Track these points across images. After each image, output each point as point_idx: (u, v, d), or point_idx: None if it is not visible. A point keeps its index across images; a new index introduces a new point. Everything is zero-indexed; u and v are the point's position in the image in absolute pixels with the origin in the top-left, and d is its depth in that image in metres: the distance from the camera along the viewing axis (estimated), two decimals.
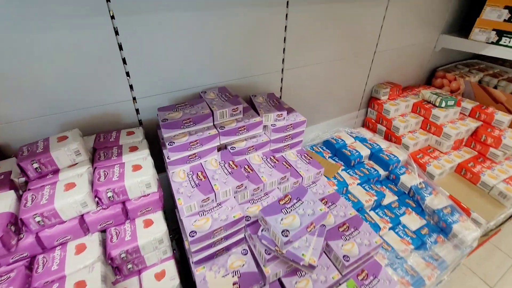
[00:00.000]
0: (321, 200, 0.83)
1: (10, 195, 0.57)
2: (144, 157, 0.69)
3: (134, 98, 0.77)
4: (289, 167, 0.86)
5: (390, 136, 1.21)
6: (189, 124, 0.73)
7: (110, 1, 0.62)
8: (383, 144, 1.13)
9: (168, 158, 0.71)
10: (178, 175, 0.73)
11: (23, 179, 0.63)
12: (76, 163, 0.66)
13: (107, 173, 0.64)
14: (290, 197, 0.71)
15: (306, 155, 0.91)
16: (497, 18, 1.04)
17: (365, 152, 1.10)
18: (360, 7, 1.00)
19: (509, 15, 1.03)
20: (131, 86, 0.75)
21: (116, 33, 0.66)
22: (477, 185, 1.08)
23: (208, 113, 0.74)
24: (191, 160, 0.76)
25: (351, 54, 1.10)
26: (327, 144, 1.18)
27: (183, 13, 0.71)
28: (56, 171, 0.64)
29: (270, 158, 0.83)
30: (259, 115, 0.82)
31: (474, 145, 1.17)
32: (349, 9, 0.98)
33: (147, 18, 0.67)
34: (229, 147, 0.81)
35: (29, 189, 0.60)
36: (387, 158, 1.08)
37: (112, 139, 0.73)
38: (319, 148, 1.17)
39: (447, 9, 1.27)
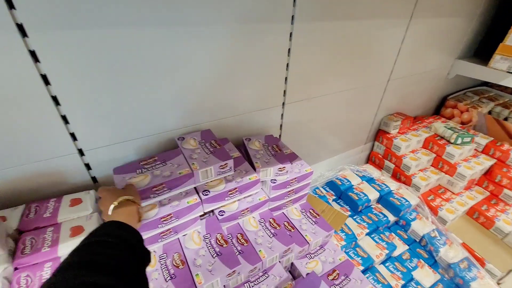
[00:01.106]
0: (332, 272, 0.67)
1: None
2: None
3: (80, 151, 0.55)
4: (292, 230, 0.69)
5: (399, 174, 1.08)
6: (161, 191, 0.53)
7: (15, 8, 0.39)
8: (392, 185, 1.00)
9: None
10: None
11: None
12: None
13: (31, 281, 0.43)
14: None
15: (312, 211, 0.74)
16: None
17: (373, 195, 0.96)
18: (377, 27, 0.83)
19: None
20: (72, 135, 0.52)
21: (36, 59, 0.43)
22: (490, 230, 0.99)
23: (187, 173, 0.54)
24: (164, 237, 0.56)
25: (363, 83, 0.95)
26: (331, 185, 1.02)
27: (147, 28, 0.49)
28: None
29: (270, 222, 0.66)
30: (255, 169, 0.63)
31: (486, 184, 1.07)
32: (364, 30, 0.81)
33: (84, 36, 0.45)
34: (216, 212, 0.62)
35: None
36: (398, 203, 0.94)
37: (47, 214, 0.51)
38: (323, 190, 1.01)
39: (466, 31, 1.13)
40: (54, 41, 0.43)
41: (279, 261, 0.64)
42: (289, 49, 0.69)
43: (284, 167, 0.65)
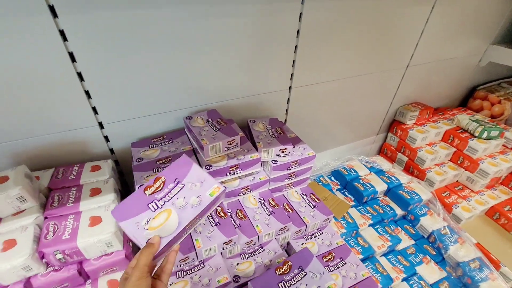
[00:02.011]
0: (328, 254, 0.70)
1: None
2: (106, 205, 0.55)
3: (100, 124, 0.63)
4: (291, 211, 0.72)
5: (412, 168, 1.05)
6: (167, 164, 0.59)
7: None
8: (403, 179, 0.98)
9: None
10: None
11: None
12: (23, 210, 0.53)
13: (57, 228, 0.51)
14: (291, 264, 0.57)
15: (312, 196, 0.77)
16: None
17: (381, 187, 0.96)
18: (397, 6, 0.80)
19: None
20: (94, 109, 0.60)
21: (64, 38, 0.50)
22: (511, 233, 0.94)
23: (189, 150, 0.60)
24: None
25: (377, 68, 0.92)
26: (336, 174, 1.03)
27: (158, 10, 0.54)
28: None
29: (269, 201, 0.70)
30: (257, 149, 0.67)
31: None
32: (381, 9, 0.78)
33: (108, 16, 0.51)
34: None
35: None
36: (408, 197, 0.93)
37: (72, 176, 0.60)
38: (327, 179, 1.02)
39: (504, 14, 1.04)
40: (82, 21, 0.49)
41: (275, 238, 0.68)
42: (298, 30, 0.71)
43: (285, 149, 0.68)
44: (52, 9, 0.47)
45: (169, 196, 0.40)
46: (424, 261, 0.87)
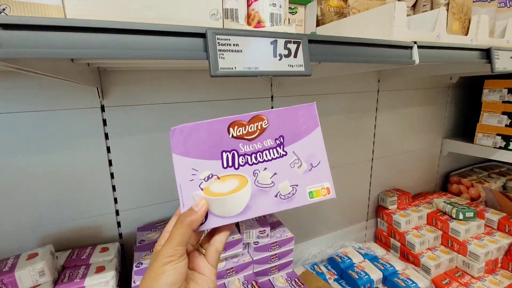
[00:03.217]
0: None
1: None
2: (106, 281, 0.68)
3: (117, 211, 0.85)
4: None
5: (407, 254, 1.08)
6: None
7: (107, 125, 0.79)
8: (398, 265, 1.00)
9: (133, 282, 0.70)
10: None
11: None
12: (39, 285, 0.67)
13: None
14: None
15: (297, 280, 0.83)
16: (497, 123, 1.10)
17: (376, 275, 0.97)
18: (347, 119, 1.14)
19: (510, 120, 1.08)
20: (115, 199, 0.84)
21: (108, 150, 0.81)
22: None
23: None
24: None
25: (346, 163, 1.16)
26: (332, 262, 1.07)
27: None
28: None
29: (252, 284, 0.77)
30: (239, 231, 0.83)
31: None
32: (336, 122, 1.10)
33: (141, 138, 0.83)
34: None
35: None
36: (404, 285, 0.92)
37: (84, 256, 0.76)
38: (322, 267, 1.06)
39: (444, 116, 1.39)
40: (121, 141, 0.82)
41: None
42: None
43: (264, 230, 0.83)
44: (106, 135, 0.81)
45: (256, 158, 0.27)
46: None
